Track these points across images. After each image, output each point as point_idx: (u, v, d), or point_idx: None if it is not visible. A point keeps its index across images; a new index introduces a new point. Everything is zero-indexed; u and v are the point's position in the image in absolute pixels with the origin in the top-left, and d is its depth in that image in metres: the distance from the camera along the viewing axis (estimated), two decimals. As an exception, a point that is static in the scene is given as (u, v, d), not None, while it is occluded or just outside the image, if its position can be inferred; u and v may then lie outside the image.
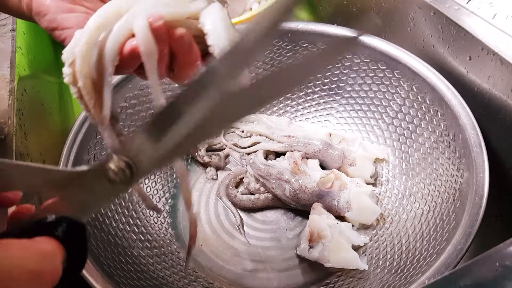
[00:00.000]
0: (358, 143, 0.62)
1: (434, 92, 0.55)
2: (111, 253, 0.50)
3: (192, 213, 0.38)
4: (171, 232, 0.59)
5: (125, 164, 0.26)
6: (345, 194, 0.57)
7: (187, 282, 0.53)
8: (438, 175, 0.54)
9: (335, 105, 0.67)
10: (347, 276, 0.52)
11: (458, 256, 0.43)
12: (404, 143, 0.61)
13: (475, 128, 0.50)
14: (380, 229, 0.56)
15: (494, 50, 0.50)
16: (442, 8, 0.56)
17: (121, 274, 0.48)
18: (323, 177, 0.58)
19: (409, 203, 0.56)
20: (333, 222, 0.55)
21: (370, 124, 0.65)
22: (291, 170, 0.59)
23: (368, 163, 0.61)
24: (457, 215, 0.47)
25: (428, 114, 0.57)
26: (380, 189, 0.60)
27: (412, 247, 0.51)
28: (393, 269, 0.50)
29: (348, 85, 0.65)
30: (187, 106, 0.25)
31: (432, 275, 0.42)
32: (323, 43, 0.63)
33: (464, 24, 0.54)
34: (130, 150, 0.26)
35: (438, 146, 0.55)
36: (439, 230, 0.49)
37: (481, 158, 0.48)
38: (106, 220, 0.53)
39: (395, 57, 0.59)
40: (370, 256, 0.54)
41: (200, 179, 0.65)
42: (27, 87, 0.55)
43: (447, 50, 0.57)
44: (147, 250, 0.54)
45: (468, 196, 0.47)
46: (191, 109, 0.25)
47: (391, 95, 0.62)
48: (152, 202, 0.42)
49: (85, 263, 0.26)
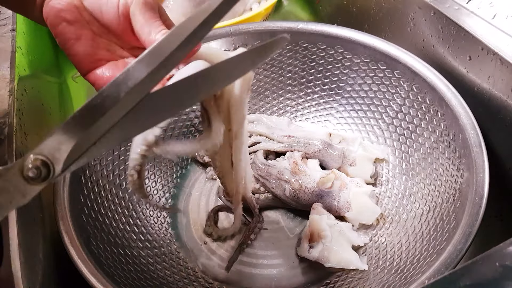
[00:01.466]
0: (358, 143, 0.62)
1: (434, 92, 0.55)
2: (111, 253, 0.49)
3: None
4: (171, 232, 0.59)
5: (41, 162, 0.26)
6: (345, 194, 0.57)
7: (187, 282, 0.53)
8: (438, 175, 0.54)
9: (335, 105, 0.67)
10: (347, 276, 0.52)
11: (458, 256, 0.42)
12: (404, 143, 0.61)
13: (475, 128, 0.50)
14: (380, 229, 0.56)
15: (494, 50, 0.50)
16: (442, 8, 0.56)
17: (121, 274, 0.48)
18: (323, 177, 0.58)
19: (409, 203, 0.56)
20: (333, 222, 0.55)
21: (370, 124, 0.65)
22: (291, 170, 0.59)
23: (368, 163, 0.61)
24: (457, 215, 0.47)
25: (428, 114, 0.57)
26: (380, 189, 0.60)
27: (412, 247, 0.51)
28: (393, 269, 0.50)
29: (348, 85, 0.65)
30: (109, 105, 0.27)
31: (432, 275, 0.42)
32: (322, 43, 0.63)
33: (464, 24, 0.54)
34: (45, 148, 0.26)
35: (438, 146, 0.55)
36: (439, 230, 0.49)
37: (481, 158, 0.48)
38: (106, 220, 0.53)
39: (395, 57, 0.59)
40: (370, 256, 0.54)
41: (200, 179, 0.65)
42: (27, 87, 0.55)
43: (447, 50, 0.57)
44: (147, 250, 0.54)
45: (468, 196, 0.47)
46: (113, 108, 0.27)
47: (391, 95, 0.62)
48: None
49: (1, 261, 0.26)
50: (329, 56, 0.64)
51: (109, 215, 0.53)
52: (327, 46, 0.63)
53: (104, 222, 0.52)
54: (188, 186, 0.64)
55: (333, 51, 0.64)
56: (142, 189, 0.34)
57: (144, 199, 0.35)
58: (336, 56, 0.64)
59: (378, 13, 0.68)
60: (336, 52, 0.64)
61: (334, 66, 0.65)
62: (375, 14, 0.69)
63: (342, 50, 0.63)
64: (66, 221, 0.47)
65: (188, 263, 0.56)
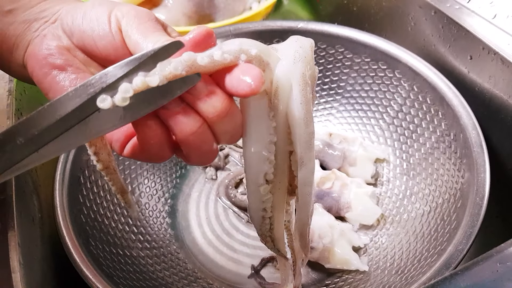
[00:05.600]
0: (358, 143, 0.62)
1: (435, 92, 0.55)
2: (110, 253, 0.49)
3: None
4: (170, 233, 0.58)
5: None
6: (345, 195, 0.56)
7: (186, 283, 0.52)
8: (439, 175, 0.54)
9: (336, 105, 0.67)
10: (348, 277, 0.52)
11: (459, 257, 0.42)
12: (405, 143, 0.61)
13: (476, 128, 0.50)
14: (380, 229, 0.56)
15: (495, 50, 0.50)
16: (443, 8, 0.56)
17: (120, 274, 0.47)
18: (323, 177, 0.58)
19: (409, 203, 0.56)
20: (334, 223, 0.54)
21: (370, 124, 0.65)
22: (291, 170, 0.58)
23: (369, 163, 0.61)
24: (458, 215, 0.47)
25: (429, 113, 0.57)
26: (381, 190, 0.60)
27: (412, 248, 0.50)
28: (394, 270, 0.49)
29: (348, 84, 0.65)
30: (54, 116, 0.26)
31: (433, 276, 0.42)
32: (322, 43, 0.63)
33: (465, 23, 0.53)
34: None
35: (439, 146, 0.55)
36: (440, 230, 0.49)
37: (482, 158, 0.48)
38: (105, 220, 0.52)
39: (396, 56, 0.59)
40: (370, 257, 0.54)
41: (200, 179, 0.65)
42: (26, 87, 0.55)
43: (448, 50, 0.57)
44: (146, 250, 0.54)
45: (469, 196, 0.47)
46: (59, 120, 0.26)
47: (392, 94, 0.61)
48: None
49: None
50: (330, 55, 0.64)
51: (108, 215, 0.53)
52: (328, 46, 0.63)
53: (103, 222, 0.52)
54: (187, 187, 0.64)
55: (334, 50, 0.63)
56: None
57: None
58: (336, 56, 0.64)
59: (379, 12, 0.68)
60: (337, 52, 0.63)
61: (335, 66, 0.65)
62: (375, 13, 0.68)
63: (342, 50, 0.63)
64: (65, 222, 0.47)
65: (187, 263, 0.55)
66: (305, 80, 0.30)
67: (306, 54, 0.30)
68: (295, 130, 0.31)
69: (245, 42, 0.28)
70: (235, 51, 0.28)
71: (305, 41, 0.31)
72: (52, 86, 0.32)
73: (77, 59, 0.33)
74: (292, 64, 0.29)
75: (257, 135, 0.30)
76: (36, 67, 0.33)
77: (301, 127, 0.30)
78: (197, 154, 0.30)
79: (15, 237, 0.39)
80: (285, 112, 0.30)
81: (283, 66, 0.30)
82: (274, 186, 0.34)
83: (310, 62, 0.31)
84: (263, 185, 0.32)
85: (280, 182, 0.35)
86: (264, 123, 0.30)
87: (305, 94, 0.30)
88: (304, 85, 0.30)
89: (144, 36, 0.30)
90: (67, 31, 0.33)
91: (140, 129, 0.29)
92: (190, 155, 0.30)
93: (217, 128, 0.30)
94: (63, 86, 0.32)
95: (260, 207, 0.34)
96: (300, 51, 0.30)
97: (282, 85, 0.30)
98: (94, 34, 0.32)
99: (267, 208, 0.34)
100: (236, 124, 0.30)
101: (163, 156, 0.31)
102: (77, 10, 0.33)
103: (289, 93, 0.30)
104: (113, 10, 0.31)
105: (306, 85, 0.30)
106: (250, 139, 0.31)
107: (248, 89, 0.27)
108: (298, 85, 0.30)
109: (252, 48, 0.28)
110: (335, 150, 0.61)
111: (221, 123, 0.29)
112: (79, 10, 0.33)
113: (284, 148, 0.33)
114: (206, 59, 0.27)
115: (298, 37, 0.31)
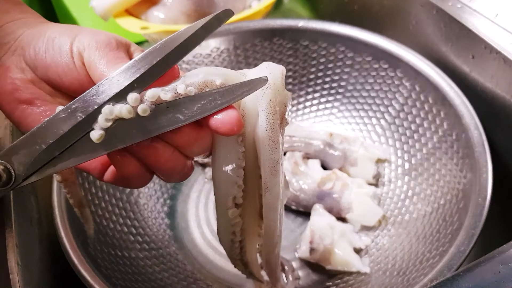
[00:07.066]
0: (359, 143, 0.62)
1: (437, 91, 0.54)
2: (108, 254, 0.49)
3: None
4: (169, 234, 0.58)
5: (3, 168, 0.27)
6: (346, 195, 0.56)
7: (186, 285, 0.52)
8: (441, 176, 0.53)
9: (336, 104, 0.67)
10: (349, 278, 0.52)
11: (461, 258, 0.42)
12: (406, 143, 0.60)
13: (478, 127, 0.50)
14: (382, 230, 0.56)
15: (497, 49, 0.50)
16: (445, 6, 0.56)
17: (118, 276, 0.47)
18: (324, 177, 0.57)
19: (411, 204, 0.56)
20: (334, 224, 0.54)
21: (371, 124, 0.64)
22: (291, 171, 0.58)
23: (370, 164, 0.60)
24: (460, 216, 0.47)
25: (431, 113, 0.56)
26: (382, 190, 0.60)
27: (414, 249, 0.50)
28: (395, 271, 0.49)
29: (349, 83, 0.65)
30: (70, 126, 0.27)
31: (435, 277, 0.42)
32: (323, 41, 0.63)
33: (467, 22, 0.53)
34: (7, 155, 0.27)
35: (441, 146, 0.55)
36: (441, 231, 0.48)
37: (484, 158, 0.48)
38: (104, 221, 0.52)
39: (397, 55, 0.58)
40: (371, 258, 0.53)
41: (199, 180, 0.65)
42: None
43: (450, 49, 0.57)
44: (145, 251, 0.53)
45: (471, 197, 0.46)
46: (75, 130, 0.27)
47: (393, 94, 0.61)
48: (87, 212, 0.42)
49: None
50: (330, 54, 0.64)
51: (106, 216, 0.53)
52: (328, 44, 0.63)
53: (101, 223, 0.52)
54: (186, 187, 0.64)
55: (335, 49, 0.63)
56: None
57: None
58: (337, 55, 0.63)
59: (380, 11, 0.67)
60: (338, 51, 0.63)
61: (336, 65, 0.64)
62: (376, 12, 0.68)
63: (343, 49, 0.62)
64: (63, 222, 0.46)
65: (187, 265, 0.55)
66: (273, 107, 0.30)
67: (276, 81, 0.30)
68: (261, 156, 0.31)
69: (209, 72, 0.28)
70: (199, 84, 0.27)
71: (275, 68, 0.31)
72: (22, 121, 0.31)
73: (43, 91, 0.32)
74: (259, 90, 0.29)
75: (225, 159, 0.31)
76: (3, 102, 0.32)
77: (265, 153, 0.31)
78: (173, 175, 0.31)
79: (13, 238, 0.39)
80: (252, 137, 0.31)
81: None
82: (244, 209, 0.34)
83: (280, 88, 0.31)
84: (231, 209, 0.32)
85: (250, 206, 0.35)
86: (232, 148, 0.30)
87: (271, 121, 0.30)
88: (271, 112, 0.30)
89: (107, 68, 0.29)
90: (31, 65, 0.32)
91: (115, 162, 0.30)
92: (167, 177, 0.31)
93: (188, 152, 0.30)
94: (33, 120, 0.31)
95: (229, 230, 0.34)
96: (269, 78, 0.30)
97: (249, 111, 0.30)
98: (59, 70, 0.31)
99: (236, 232, 0.35)
100: (207, 144, 0.30)
101: (143, 181, 0.31)
102: (39, 39, 0.31)
103: (256, 119, 0.30)
104: (74, 41, 0.31)
105: (273, 112, 0.30)
106: (218, 161, 0.31)
107: (230, 132, 0.28)
108: (265, 112, 0.30)
109: (216, 79, 0.28)
110: (336, 150, 0.61)
111: (191, 148, 0.30)
112: (41, 40, 0.31)
113: (254, 172, 0.33)
114: (169, 94, 0.27)
115: (269, 64, 0.31)
